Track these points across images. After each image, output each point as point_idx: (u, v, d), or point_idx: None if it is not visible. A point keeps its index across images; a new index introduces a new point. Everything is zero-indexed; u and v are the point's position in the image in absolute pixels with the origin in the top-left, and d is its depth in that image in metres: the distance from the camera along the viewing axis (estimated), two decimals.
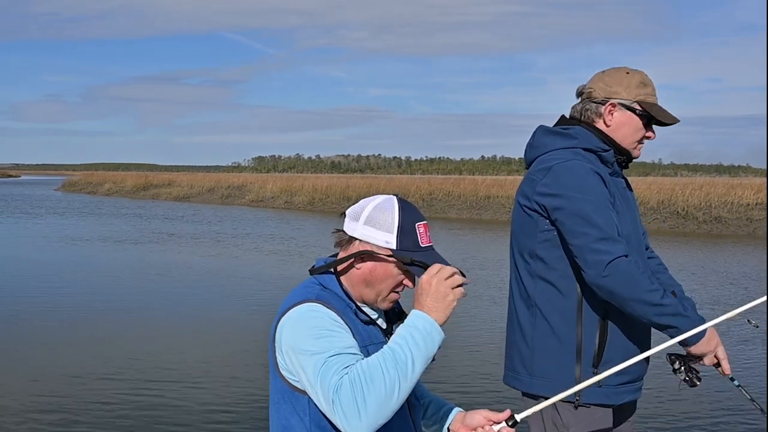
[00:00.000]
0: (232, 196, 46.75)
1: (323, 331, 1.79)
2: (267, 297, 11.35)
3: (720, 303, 11.04)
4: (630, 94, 2.55)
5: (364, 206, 1.95)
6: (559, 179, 2.42)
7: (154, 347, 8.11)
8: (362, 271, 1.93)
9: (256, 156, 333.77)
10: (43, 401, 6.08)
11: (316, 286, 1.93)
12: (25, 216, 30.18)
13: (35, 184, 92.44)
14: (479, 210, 33.20)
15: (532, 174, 2.54)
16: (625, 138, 2.58)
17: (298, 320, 1.84)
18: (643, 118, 2.56)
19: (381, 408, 1.65)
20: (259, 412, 5.87)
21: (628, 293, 2.28)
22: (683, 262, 16.61)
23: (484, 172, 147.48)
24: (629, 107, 2.56)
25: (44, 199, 47.09)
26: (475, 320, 9.75)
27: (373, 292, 1.94)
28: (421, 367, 1.71)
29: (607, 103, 2.57)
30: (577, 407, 2.45)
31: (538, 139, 2.63)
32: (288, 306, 1.89)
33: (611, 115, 2.57)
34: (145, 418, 5.73)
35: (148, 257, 16.52)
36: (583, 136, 2.55)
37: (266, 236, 22.12)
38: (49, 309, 10.11)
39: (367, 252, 1.91)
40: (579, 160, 2.46)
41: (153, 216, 31.30)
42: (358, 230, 1.92)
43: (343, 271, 1.96)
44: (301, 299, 1.88)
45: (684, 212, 27.30)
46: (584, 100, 2.63)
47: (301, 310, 1.85)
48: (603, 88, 2.58)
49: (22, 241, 19.98)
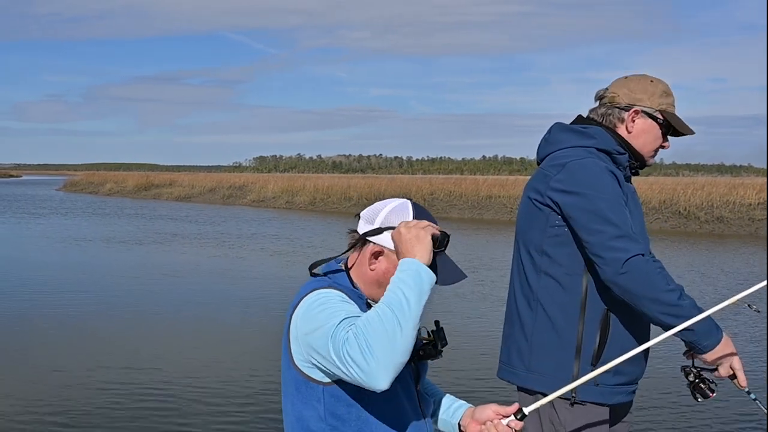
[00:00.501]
0: (233, 196, 46.77)
1: (331, 305, 1.84)
2: (274, 297, 11.35)
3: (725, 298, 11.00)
4: (653, 102, 2.57)
5: (380, 209, 1.97)
6: (574, 176, 2.42)
7: (161, 348, 8.12)
8: (376, 272, 1.95)
9: (258, 156, 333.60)
10: (45, 403, 6.08)
11: (328, 280, 1.97)
12: (29, 216, 30.19)
13: (37, 184, 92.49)
14: (481, 210, 33.20)
15: (545, 169, 2.53)
16: (645, 146, 2.60)
17: (309, 306, 1.87)
18: (663, 128, 2.59)
19: (388, 349, 1.67)
20: (269, 411, 5.87)
21: (645, 291, 2.27)
22: (687, 262, 16.60)
23: (486, 171, 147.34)
24: (652, 115, 2.58)
25: (47, 199, 47.12)
26: (482, 320, 9.76)
27: (381, 292, 1.94)
28: (417, 304, 1.73)
29: (630, 110, 2.58)
30: (573, 404, 2.44)
31: (554, 135, 2.63)
32: (300, 297, 1.93)
33: (633, 122, 2.58)
34: (153, 417, 5.73)
35: (154, 258, 16.53)
36: (601, 137, 2.55)
37: (271, 236, 22.13)
38: (54, 309, 10.11)
39: (382, 253, 1.93)
40: (594, 159, 2.46)
41: (157, 216, 31.32)
42: (373, 233, 1.95)
43: (355, 271, 1.98)
44: (312, 289, 1.92)
45: (686, 212, 27.28)
46: (606, 105, 2.64)
47: (311, 297, 1.90)
48: (627, 94, 2.59)
49: (26, 242, 20.01)
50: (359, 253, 1.98)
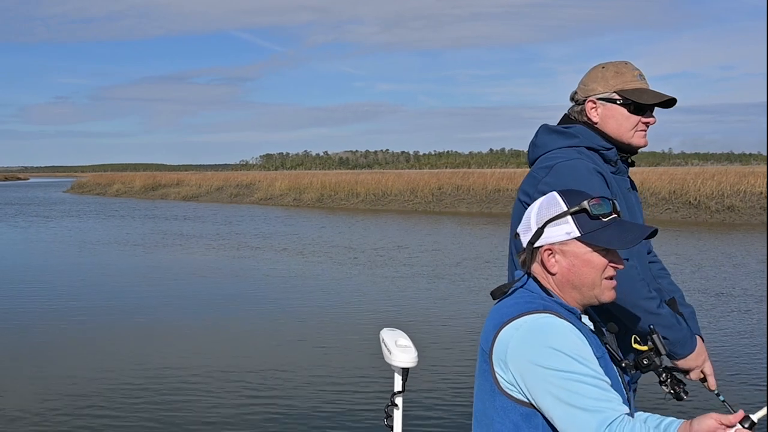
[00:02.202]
0: (240, 194, 46.81)
1: (568, 348, 1.73)
2: (300, 297, 11.28)
3: (736, 293, 10.91)
4: (607, 86, 2.56)
5: (529, 215, 1.92)
6: (561, 178, 2.42)
7: (187, 351, 8.05)
8: (561, 274, 1.87)
9: (264, 154, 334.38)
10: (57, 407, 6.02)
11: (533, 295, 1.86)
12: (43, 220, 30.18)
13: (45, 186, 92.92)
14: (489, 204, 33.09)
15: (534, 172, 2.55)
16: (616, 129, 2.57)
17: (533, 332, 1.75)
18: (627, 106, 2.55)
19: None
20: (291, 415, 5.79)
21: (627, 298, 2.29)
22: (698, 252, 16.45)
23: (493, 165, 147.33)
24: (609, 99, 2.56)
25: (57, 202, 47.24)
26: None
27: (584, 291, 1.88)
28: None
29: (587, 102, 2.59)
30: None
31: (540, 138, 2.65)
32: (509, 316, 1.80)
33: (595, 112, 2.58)
34: (177, 421, 5.66)
35: (178, 260, 16.48)
36: (584, 135, 2.56)
37: (292, 235, 22.08)
38: (69, 314, 10.07)
39: (553, 251, 1.86)
40: (581, 159, 2.46)
41: (171, 217, 31.26)
42: (535, 237, 1.88)
43: (545, 282, 1.90)
44: (526, 310, 1.80)
45: (696, 202, 27.11)
46: (573, 103, 2.67)
47: (533, 322, 1.77)
48: (582, 88, 2.62)
49: (43, 247, 19.98)
50: (537, 263, 1.90)
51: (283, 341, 8.46)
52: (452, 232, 22.78)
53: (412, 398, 5.88)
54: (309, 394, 6.36)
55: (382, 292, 11.61)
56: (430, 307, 10.39)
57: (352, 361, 7.39)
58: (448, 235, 21.80)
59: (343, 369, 7.14)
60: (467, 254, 16.54)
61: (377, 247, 18.11)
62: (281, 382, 6.72)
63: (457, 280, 12.79)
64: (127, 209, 37.03)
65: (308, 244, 19.06)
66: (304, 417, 5.77)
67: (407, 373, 2.42)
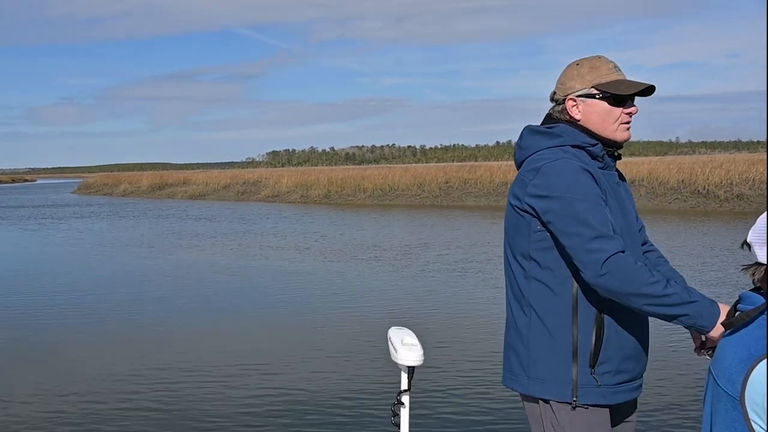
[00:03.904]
0: (247, 192, 46.85)
1: None
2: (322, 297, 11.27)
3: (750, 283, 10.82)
4: (584, 82, 2.54)
5: (762, 226, 1.61)
6: (548, 180, 2.41)
7: (213, 348, 8.05)
8: None
9: (270, 151, 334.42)
10: (71, 405, 6.04)
11: None
12: (55, 222, 30.26)
13: (52, 187, 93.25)
14: (496, 197, 33.04)
15: (522, 175, 2.54)
16: (599, 124, 2.55)
17: None
18: (607, 99, 2.53)
19: None
20: (297, 412, 5.80)
21: (629, 289, 2.26)
22: (709, 241, 16.37)
23: (499, 157, 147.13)
24: (588, 95, 2.54)
25: (66, 203, 47.31)
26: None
27: None
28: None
29: (567, 100, 2.57)
30: (575, 408, 2.44)
31: (525, 140, 2.64)
32: (761, 352, 1.49)
33: (576, 109, 2.56)
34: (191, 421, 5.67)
35: (201, 259, 16.52)
36: (567, 133, 2.54)
37: (310, 233, 22.09)
38: (111, 314, 10.11)
39: None
40: (568, 159, 2.45)
41: (185, 216, 31.18)
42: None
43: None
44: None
45: (705, 191, 26.99)
46: (553, 105, 2.66)
47: None
48: (560, 87, 2.60)
49: (61, 250, 20.07)
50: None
51: (307, 331, 8.44)
52: (462, 226, 22.75)
53: (419, 397, 5.86)
54: (316, 391, 6.36)
55: (397, 289, 11.60)
56: (440, 304, 10.41)
57: (361, 359, 7.38)
58: (456, 229, 21.77)
59: (353, 367, 7.13)
60: (476, 249, 16.51)
61: (390, 245, 18.14)
62: (287, 381, 6.72)
63: (472, 272, 12.79)
64: (137, 210, 37.09)
65: (329, 243, 19.07)
66: (310, 414, 5.78)
67: (413, 371, 2.41)
